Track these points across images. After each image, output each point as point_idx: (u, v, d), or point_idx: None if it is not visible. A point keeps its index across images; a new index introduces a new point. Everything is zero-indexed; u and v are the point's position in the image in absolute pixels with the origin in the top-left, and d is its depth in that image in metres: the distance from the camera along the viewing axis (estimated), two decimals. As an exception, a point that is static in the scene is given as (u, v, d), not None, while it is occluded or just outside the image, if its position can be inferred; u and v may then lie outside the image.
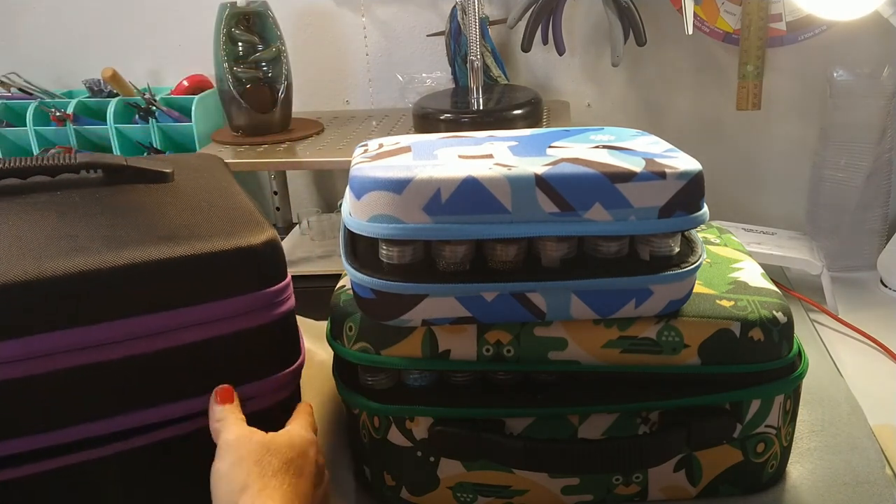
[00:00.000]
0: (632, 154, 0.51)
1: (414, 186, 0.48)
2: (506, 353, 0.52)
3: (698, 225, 0.50)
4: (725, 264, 0.60)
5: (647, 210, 0.48)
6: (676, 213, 0.49)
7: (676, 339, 0.52)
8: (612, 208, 0.48)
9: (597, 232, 0.49)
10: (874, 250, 0.93)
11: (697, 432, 0.53)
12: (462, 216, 0.48)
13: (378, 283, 0.49)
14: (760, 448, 0.55)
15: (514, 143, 0.55)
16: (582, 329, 0.52)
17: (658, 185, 0.48)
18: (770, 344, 0.52)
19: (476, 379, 0.55)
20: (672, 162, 0.50)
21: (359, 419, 0.56)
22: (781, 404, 0.54)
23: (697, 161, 0.51)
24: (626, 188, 0.48)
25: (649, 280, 0.50)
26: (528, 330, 0.52)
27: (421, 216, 0.48)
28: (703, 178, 0.49)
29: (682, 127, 1.07)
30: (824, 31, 0.94)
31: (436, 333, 0.53)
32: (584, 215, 0.48)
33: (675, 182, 0.48)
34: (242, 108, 0.97)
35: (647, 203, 0.48)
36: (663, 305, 0.51)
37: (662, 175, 0.48)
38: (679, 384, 0.53)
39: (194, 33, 1.10)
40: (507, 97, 0.98)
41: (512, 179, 0.48)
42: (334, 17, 1.10)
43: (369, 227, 0.49)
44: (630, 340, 0.52)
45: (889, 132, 0.90)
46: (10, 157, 0.61)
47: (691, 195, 0.49)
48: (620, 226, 0.49)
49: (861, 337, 0.79)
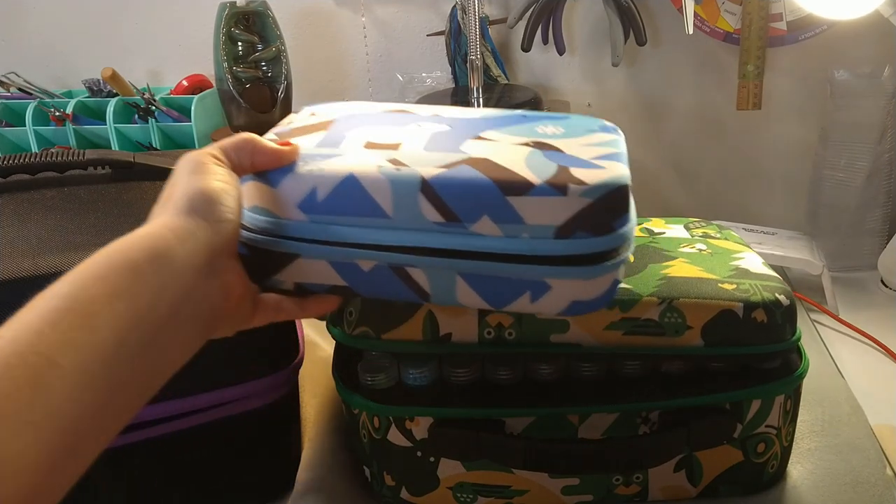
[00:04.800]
0: (553, 158, 0.46)
1: (290, 181, 0.44)
2: (507, 336, 0.52)
3: (603, 249, 0.43)
4: (726, 254, 0.60)
5: (543, 228, 0.43)
6: (577, 235, 0.43)
7: (679, 321, 0.51)
8: (502, 223, 0.43)
9: (483, 248, 0.43)
10: (874, 250, 0.93)
11: (698, 432, 0.53)
12: (339, 216, 0.44)
13: (251, 238, 0.45)
14: (761, 448, 0.55)
15: (445, 128, 0.50)
16: None
17: (556, 202, 0.42)
18: (773, 325, 0.52)
19: (476, 378, 0.55)
20: (589, 174, 0.43)
21: (358, 419, 0.56)
22: (782, 404, 0.54)
23: (626, 173, 0.44)
24: (519, 202, 0.42)
25: (544, 272, 0.44)
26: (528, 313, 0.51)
27: (296, 213, 0.44)
28: (623, 194, 0.43)
29: (683, 127, 1.06)
30: (825, 31, 0.94)
31: (436, 316, 0.52)
32: (471, 228, 0.43)
33: (579, 200, 0.42)
34: (242, 107, 0.97)
35: (543, 221, 0.43)
36: (565, 305, 0.45)
37: (563, 190, 0.42)
38: (679, 383, 0.53)
39: (194, 33, 1.10)
40: (507, 97, 0.98)
41: (395, 182, 0.43)
42: (334, 16, 1.10)
43: (248, 216, 0.45)
44: (633, 322, 0.51)
45: (889, 132, 0.90)
46: (20, 153, 0.60)
47: (600, 215, 0.43)
48: (510, 243, 0.43)
49: (861, 337, 0.79)
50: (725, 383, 0.53)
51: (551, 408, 0.53)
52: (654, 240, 0.62)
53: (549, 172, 0.43)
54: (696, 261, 0.57)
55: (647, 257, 0.58)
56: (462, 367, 0.55)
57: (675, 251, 0.59)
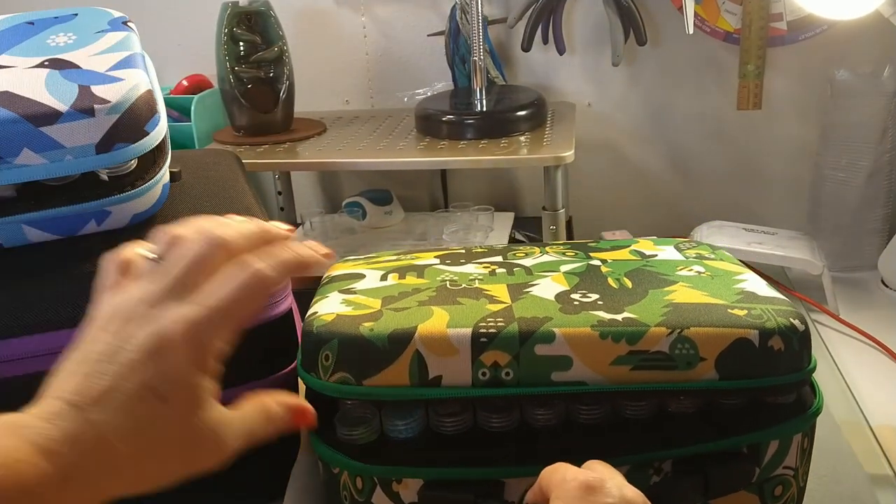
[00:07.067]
0: (72, 77, 0.48)
1: None
2: (504, 377, 0.46)
3: (144, 151, 0.48)
4: (727, 276, 0.55)
5: (82, 149, 0.46)
6: (116, 147, 0.47)
7: (691, 352, 0.47)
8: (43, 152, 0.45)
9: (35, 177, 0.46)
10: (875, 250, 0.93)
11: (715, 480, 0.47)
12: None
13: None
14: (778, 491, 0.50)
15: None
16: (588, 346, 0.47)
17: (87, 124, 0.46)
18: (791, 353, 0.48)
19: (468, 428, 0.49)
20: (110, 90, 0.47)
21: (339, 480, 0.49)
22: (799, 443, 0.50)
23: (142, 80, 0.49)
24: (52, 130, 0.45)
25: (100, 204, 0.48)
26: (528, 349, 0.46)
27: None
28: (147, 99, 0.47)
29: (683, 127, 1.07)
30: (825, 31, 0.94)
31: (425, 358, 0.46)
32: (16, 161, 0.45)
33: (107, 118, 0.46)
34: (244, 107, 0.97)
35: (81, 142, 0.46)
36: (127, 220, 0.51)
37: (90, 112, 0.46)
38: (691, 426, 0.49)
39: (194, 33, 1.10)
40: (509, 98, 0.98)
41: None
42: (334, 16, 1.10)
43: None
44: (641, 356, 0.46)
45: (890, 132, 0.90)
46: None
47: (130, 125, 0.47)
48: (58, 167, 0.46)
49: (862, 337, 0.79)
50: (740, 424, 0.49)
51: (554, 462, 0.47)
52: (647, 263, 0.57)
53: (73, 96, 0.46)
54: (698, 285, 0.53)
55: (646, 283, 0.53)
56: (452, 416, 0.49)
57: (674, 275, 0.55)
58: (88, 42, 0.51)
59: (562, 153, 0.83)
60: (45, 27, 0.52)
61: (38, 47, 0.51)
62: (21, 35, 0.52)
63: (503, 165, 1.06)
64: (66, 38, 0.51)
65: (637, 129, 1.08)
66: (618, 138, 1.09)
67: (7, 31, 0.52)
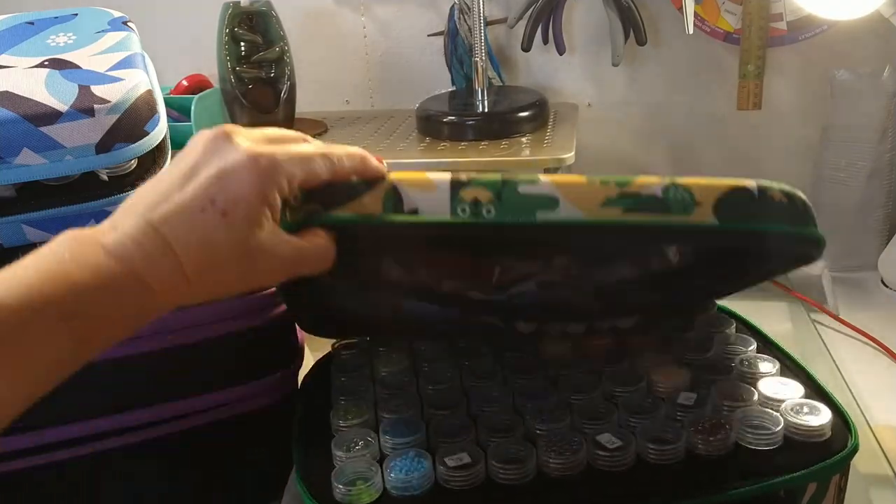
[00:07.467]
0: (72, 77, 0.47)
1: None
2: (485, 213, 0.42)
3: (144, 151, 0.48)
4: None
5: (82, 149, 0.46)
6: (116, 147, 0.47)
7: (687, 198, 0.43)
8: (43, 151, 0.45)
9: (35, 177, 0.46)
10: (875, 250, 0.93)
11: None
12: None
13: None
14: None
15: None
16: (575, 186, 0.43)
17: (87, 124, 0.46)
18: (793, 206, 0.45)
19: (480, 484, 0.45)
20: (110, 90, 0.47)
21: None
22: (837, 483, 0.48)
23: (142, 80, 0.48)
24: (53, 130, 0.45)
25: (105, 203, 0.48)
26: (510, 188, 0.42)
27: None
28: (146, 98, 0.46)
29: (683, 127, 1.07)
30: (825, 31, 0.94)
31: (400, 191, 0.42)
32: (16, 162, 0.45)
33: (107, 118, 0.46)
34: (245, 108, 0.97)
35: (80, 142, 0.46)
36: None
37: (90, 112, 0.45)
38: (725, 469, 0.46)
39: (194, 33, 1.10)
40: (511, 99, 0.98)
41: None
42: (334, 16, 1.10)
43: None
44: (633, 198, 0.42)
45: (890, 132, 0.90)
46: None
47: (130, 125, 0.47)
48: (58, 167, 0.46)
49: (862, 337, 0.79)
50: (774, 466, 0.46)
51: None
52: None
53: (73, 96, 0.45)
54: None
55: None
56: (462, 470, 0.45)
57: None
58: (88, 42, 0.51)
59: (562, 155, 0.83)
60: (45, 27, 0.52)
61: (38, 47, 0.50)
62: (21, 35, 0.52)
63: (503, 167, 1.05)
64: (66, 38, 0.51)
65: (637, 130, 1.08)
66: (618, 138, 1.09)
67: (7, 31, 0.52)
